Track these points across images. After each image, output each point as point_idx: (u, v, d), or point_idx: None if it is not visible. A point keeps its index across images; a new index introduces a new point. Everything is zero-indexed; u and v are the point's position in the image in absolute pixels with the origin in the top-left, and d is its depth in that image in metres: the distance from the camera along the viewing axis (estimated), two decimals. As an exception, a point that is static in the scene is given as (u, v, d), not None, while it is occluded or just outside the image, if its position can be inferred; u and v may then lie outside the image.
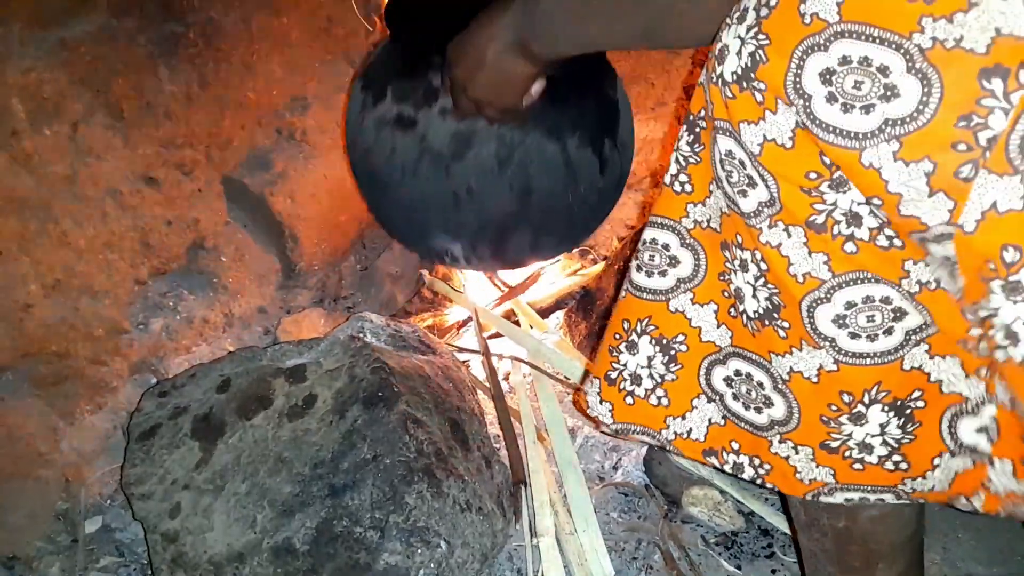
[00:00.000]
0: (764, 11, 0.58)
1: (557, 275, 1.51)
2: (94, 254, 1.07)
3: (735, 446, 0.79)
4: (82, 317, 1.07)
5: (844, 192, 0.59)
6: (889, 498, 0.72)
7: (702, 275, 0.75)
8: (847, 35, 0.54)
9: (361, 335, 1.05)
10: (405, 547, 0.86)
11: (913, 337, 0.64)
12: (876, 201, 0.57)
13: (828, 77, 0.56)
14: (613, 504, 1.07)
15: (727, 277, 0.73)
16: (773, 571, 1.00)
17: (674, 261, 0.76)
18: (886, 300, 0.63)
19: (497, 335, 1.35)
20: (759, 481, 0.79)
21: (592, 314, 1.30)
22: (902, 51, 0.53)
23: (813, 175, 0.60)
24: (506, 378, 1.24)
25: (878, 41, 0.53)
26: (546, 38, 0.78)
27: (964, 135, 0.52)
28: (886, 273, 0.62)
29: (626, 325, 0.80)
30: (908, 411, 0.67)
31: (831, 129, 0.56)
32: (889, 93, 0.54)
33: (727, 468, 0.80)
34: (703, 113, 0.68)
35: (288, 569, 0.84)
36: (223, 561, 0.85)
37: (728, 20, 0.61)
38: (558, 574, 0.94)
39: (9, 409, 0.99)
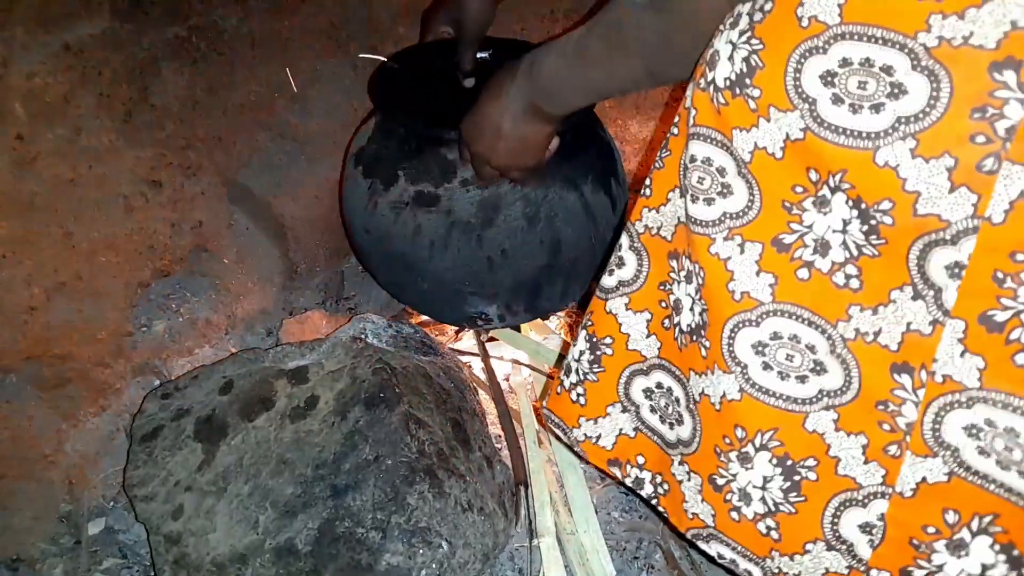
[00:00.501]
0: (758, 15, 0.58)
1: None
2: (97, 256, 1.08)
3: (640, 460, 0.78)
4: (85, 319, 1.07)
5: (825, 213, 0.58)
6: (757, 573, 0.69)
7: (641, 281, 0.74)
8: (848, 37, 0.54)
9: (363, 336, 1.06)
10: (407, 548, 0.86)
11: (825, 399, 0.62)
12: (885, 205, 0.55)
13: (830, 79, 0.55)
14: (614, 503, 1.07)
15: (668, 287, 0.72)
16: (775, 571, 1.00)
17: (621, 262, 0.76)
18: (811, 348, 0.61)
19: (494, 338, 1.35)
20: (655, 501, 0.78)
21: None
22: (906, 51, 0.52)
23: (799, 189, 0.59)
24: (507, 379, 1.24)
25: (881, 42, 0.53)
26: (557, 97, 0.80)
27: (981, 127, 0.51)
28: (826, 311, 0.60)
29: (584, 317, 0.81)
30: (797, 478, 0.65)
31: (841, 131, 0.55)
32: (896, 91, 0.53)
33: (628, 481, 0.79)
34: (677, 119, 0.68)
35: (290, 570, 0.84)
36: (226, 562, 0.86)
37: (721, 26, 0.61)
38: (559, 574, 0.94)
39: (13, 411, 0.99)
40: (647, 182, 0.73)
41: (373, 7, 1.46)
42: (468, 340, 1.35)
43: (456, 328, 1.31)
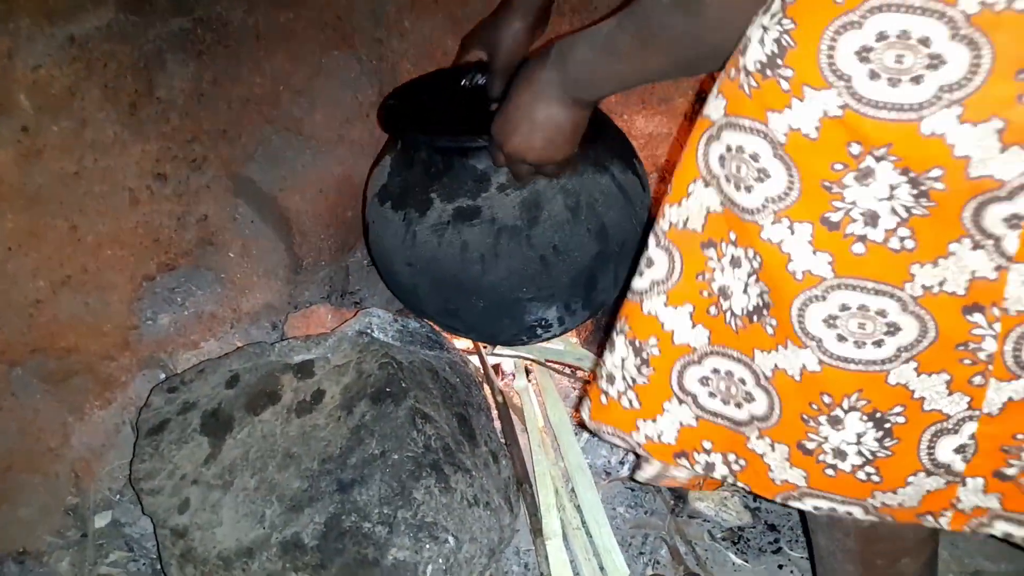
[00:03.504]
0: None
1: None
2: (103, 250, 1.08)
3: (707, 446, 0.78)
4: (91, 313, 1.07)
5: (867, 185, 0.59)
6: (858, 512, 0.72)
7: (677, 277, 0.74)
8: (884, 9, 0.53)
9: (369, 331, 1.05)
10: (413, 542, 0.86)
11: (904, 354, 0.64)
12: (935, 172, 0.56)
13: (866, 55, 0.55)
14: (620, 499, 1.07)
15: (708, 277, 0.72)
16: (780, 566, 1.00)
17: (650, 262, 0.75)
18: (881, 313, 0.63)
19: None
20: (730, 479, 0.78)
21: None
22: (945, 19, 0.52)
23: (838, 166, 0.59)
24: (511, 377, 1.24)
25: (919, 11, 0.52)
26: (588, 86, 0.80)
27: None
28: (890, 278, 0.61)
29: (616, 323, 0.81)
30: (887, 425, 0.67)
31: (882, 105, 0.55)
32: (936, 62, 0.53)
33: (698, 468, 0.80)
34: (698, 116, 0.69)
35: (297, 564, 0.85)
36: (232, 556, 0.86)
37: (754, 16, 0.61)
38: (567, 572, 0.94)
39: (19, 404, 0.99)
40: (671, 181, 0.73)
41: (380, 1, 1.46)
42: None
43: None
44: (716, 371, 0.75)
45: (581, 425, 1.09)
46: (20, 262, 0.98)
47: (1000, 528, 0.68)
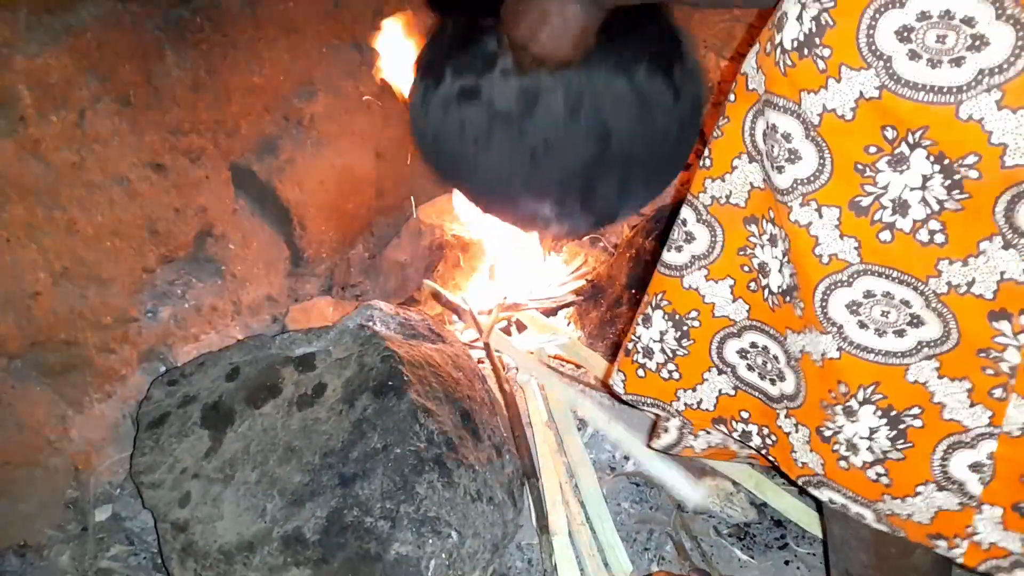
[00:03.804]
0: None
1: (564, 274, 1.49)
2: (102, 242, 1.07)
3: (744, 415, 0.79)
4: (90, 305, 1.06)
5: (901, 172, 0.58)
6: (869, 516, 0.71)
7: (718, 251, 0.74)
8: None
9: (370, 323, 1.04)
10: (416, 537, 0.85)
11: (925, 349, 0.62)
12: (970, 159, 0.55)
13: (906, 35, 0.54)
14: (624, 495, 1.06)
15: (749, 252, 0.72)
16: (786, 562, 1.00)
17: (689, 237, 0.75)
18: (906, 303, 0.62)
19: (507, 331, 1.34)
20: (764, 451, 0.79)
21: (603, 303, 1.29)
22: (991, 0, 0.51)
23: (873, 149, 0.58)
24: (515, 371, 1.23)
25: None
26: None
27: None
28: (916, 270, 0.60)
29: (647, 299, 0.81)
30: (902, 426, 0.66)
31: (920, 87, 0.55)
32: (978, 43, 0.52)
33: (735, 435, 0.81)
34: (734, 86, 0.67)
35: (298, 559, 0.84)
36: (233, 550, 0.85)
37: None
38: (571, 568, 0.94)
39: (18, 397, 0.99)
40: (706, 152, 0.72)
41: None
42: (473, 333, 1.34)
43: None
44: (754, 345, 0.75)
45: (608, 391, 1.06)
46: (18, 254, 0.97)
47: None
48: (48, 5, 0.97)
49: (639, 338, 0.81)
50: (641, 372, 0.82)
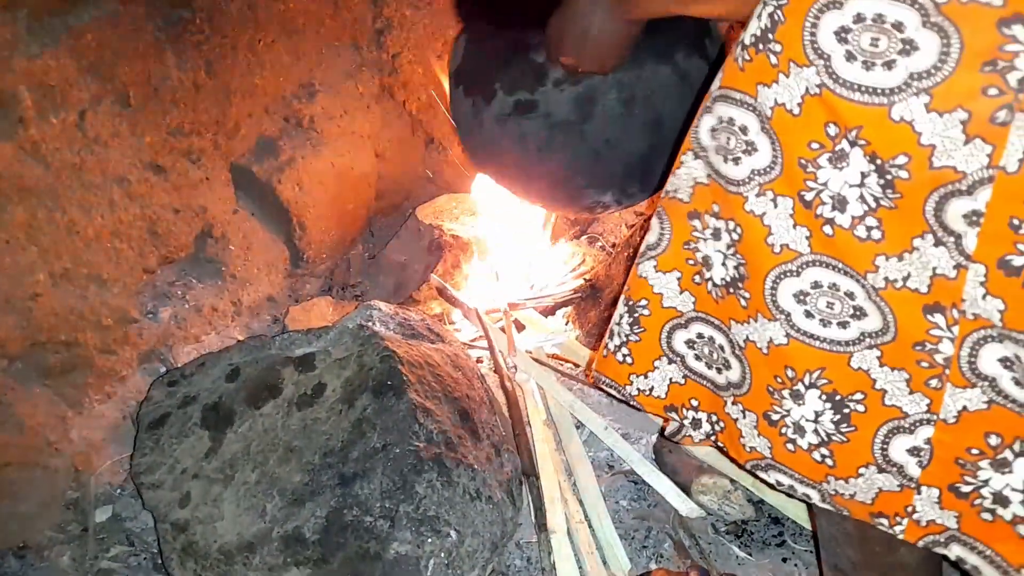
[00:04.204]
0: None
1: (563, 274, 1.49)
2: (102, 243, 1.07)
3: (694, 403, 0.82)
4: (91, 306, 1.06)
5: (840, 169, 0.60)
6: (815, 496, 0.73)
7: (666, 244, 0.77)
8: None
9: (369, 323, 1.05)
10: (415, 536, 0.85)
11: (867, 339, 0.65)
12: (900, 159, 0.57)
13: (844, 35, 0.56)
14: (623, 492, 1.06)
15: (692, 246, 0.75)
16: (784, 559, 1.00)
17: (648, 227, 0.78)
18: (850, 295, 0.64)
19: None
20: (713, 438, 0.82)
21: (601, 303, 1.30)
22: (916, 6, 0.53)
23: (815, 145, 0.61)
24: (512, 370, 1.23)
25: None
26: (645, 4, 0.81)
27: (992, 79, 0.53)
28: (855, 264, 0.63)
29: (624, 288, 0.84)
30: (846, 410, 0.68)
31: (856, 87, 0.57)
32: (908, 47, 0.55)
33: (687, 423, 0.84)
34: None
35: (298, 558, 0.84)
36: (233, 550, 0.85)
37: None
38: (570, 566, 0.94)
39: (19, 398, 0.99)
40: None
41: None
42: (472, 330, 1.34)
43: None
44: (700, 336, 0.78)
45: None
46: (18, 255, 0.98)
47: (955, 552, 0.68)
48: (48, 6, 0.97)
49: (608, 321, 0.86)
50: (605, 352, 0.86)
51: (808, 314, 0.66)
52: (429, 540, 0.85)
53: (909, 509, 0.68)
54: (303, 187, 1.36)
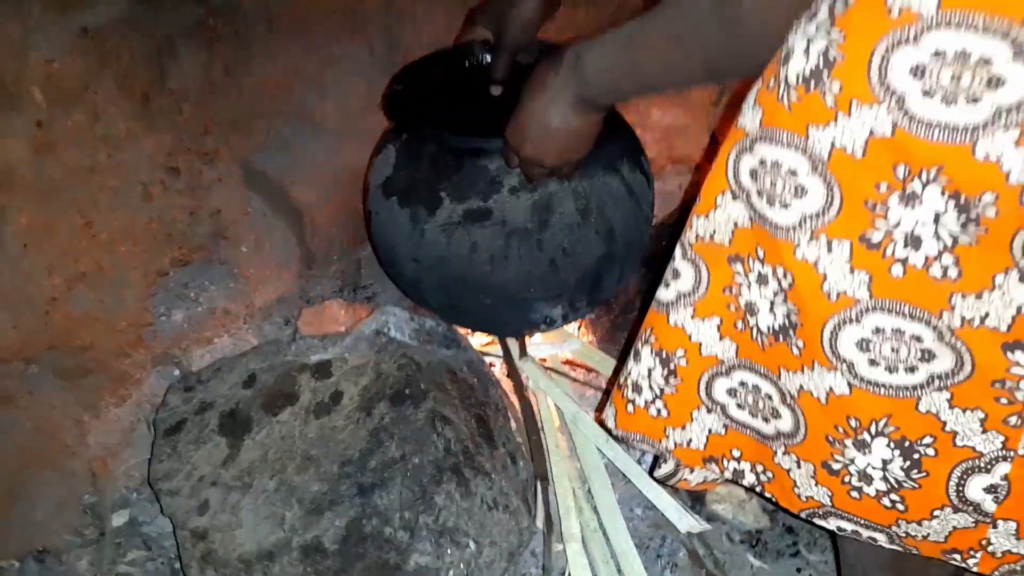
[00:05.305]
0: (839, 6, 0.55)
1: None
2: (117, 245, 1.07)
3: (736, 454, 0.79)
4: (106, 309, 1.06)
5: (913, 208, 0.57)
6: (882, 539, 0.71)
7: (704, 290, 0.73)
8: (944, 25, 0.51)
9: (386, 330, 1.04)
10: (435, 547, 0.86)
11: (936, 382, 0.62)
12: (987, 197, 0.53)
13: (920, 72, 0.53)
14: (636, 501, 1.07)
15: (735, 291, 0.71)
16: (798, 569, 1.01)
17: (676, 274, 0.74)
18: (917, 339, 0.61)
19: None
20: (759, 489, 0.78)
21: (614, 308, 1.29)
22: (1008, 39, 0.49)
23: (883, 187, 0.57)
24: (526, 376, 1.23)
25: (981, 31, 0.50)
26: (607, 89, 0.79)
27: None
28: (928, 304, 0.60)
29: (640, 333, 0.80)
30: (916, 456, 0.65)
31: (934, 125, 0.53)
32: (995, 82, 0.51)
33: (727, 474, 0.80)
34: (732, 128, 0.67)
35: (318, 568, 0.84)
36: (253, 559, 0.86)
37: (795, 22, 0.59)
38: (584, 574, 0.94)
39: (35, 402, 0.99)
40: (700, 190, 0.72)
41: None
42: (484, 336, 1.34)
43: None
44: (743, 384, 0.74)
45: (601, 425, 1.08)
46: (35, 259, 0.97)
47: None
48: (64, 5, 0.96)
49: (629, 373, 0.81)
50: (631, 408, 0.82)
51: (872, 362, 0.63)
52: (449, 551, 0.86)
53: (984, 542, 0.67)
54: (315, 187, 1.35)
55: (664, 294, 0.76)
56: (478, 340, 1.32)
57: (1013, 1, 0.49)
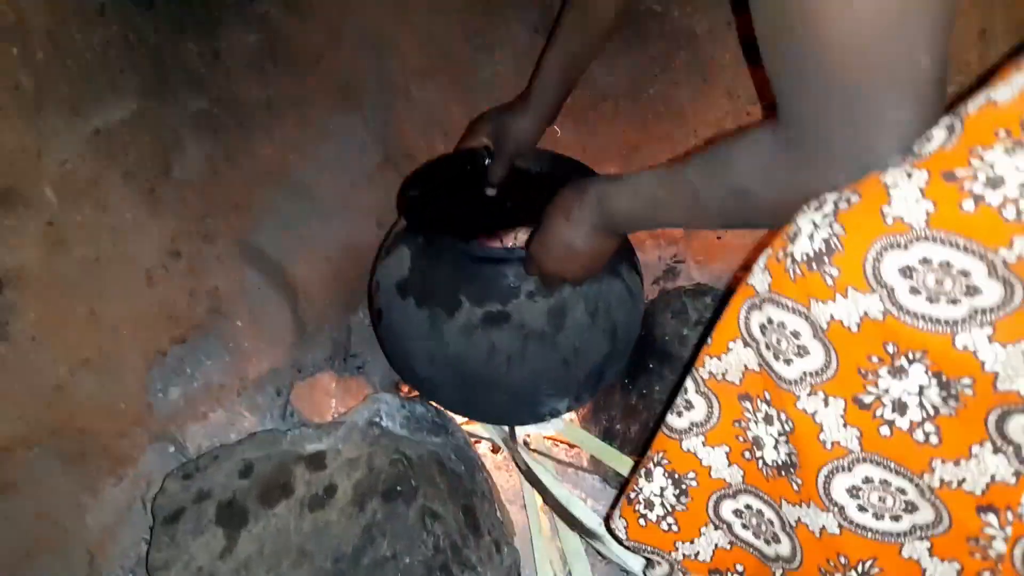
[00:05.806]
0: (843, 204, 0.63)
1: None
2: (120, 330, 1.10)
3: (739, 568, 0.86)
4: (107, 392, 1.09)
5: (900, 379, 0.63)
6: None
7: (715, 421, 0.80)
8: (930, 239, 0.58)
9: (378, 419, 1.09)
10: (423, 645, 0.90)
11: (919, 531, 0.68)
12: (966, 380, 0.60)
13: (908, 272, 0.59)
14: (612, 583, 1.12)
15: (743, 425, 0.78)
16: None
17: (689, 405, 0.82)
18: (902, 491, 0.67)
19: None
20: None
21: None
22: (985, 260, 0.57)
23: (875, 359, 0.64)
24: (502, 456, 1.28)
25: (962, 250, 0.57)
26: (626, 226, 0.92)
27: None
28: (911, 464, 0.66)
29: (650, 454, 0.87)
30: None
31: (919, 316, 0.60)
32: (972, 291, 0.58)
33: None
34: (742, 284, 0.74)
35: (311, 664, 0.89)
36: (249, 653, 0.90)
37: (805, 207, 0.66)
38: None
39: (37, 487, 1.02)
40: (712, 333, 0.79)
41: (387, 68, 1.48)
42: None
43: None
44: (748, 507, 0.82)
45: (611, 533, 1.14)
46: (42, 351, 1.00)
47: None
48: (77, 108, 1.00)
49: (641, 490, 0.88)
50: (642, 522, 0.89)
51: (861, 508, 0.69)
52: (436, 649, 0.91)
53: None
54: (309, 260, 1.40)
55: (677, 422, 0.83)
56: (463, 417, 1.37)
57: (989, 231, 0.57)
